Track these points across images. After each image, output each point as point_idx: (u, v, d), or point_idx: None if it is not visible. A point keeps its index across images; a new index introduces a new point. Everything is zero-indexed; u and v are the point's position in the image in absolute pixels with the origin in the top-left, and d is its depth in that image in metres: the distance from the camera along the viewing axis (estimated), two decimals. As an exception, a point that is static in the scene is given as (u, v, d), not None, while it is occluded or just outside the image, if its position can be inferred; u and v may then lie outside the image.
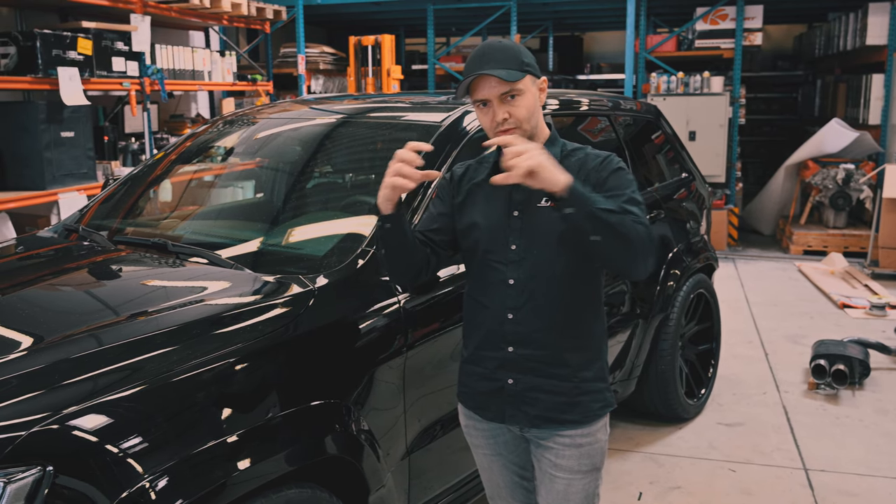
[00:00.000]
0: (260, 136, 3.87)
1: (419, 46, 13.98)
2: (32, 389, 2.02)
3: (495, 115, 2.17)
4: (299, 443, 2.29)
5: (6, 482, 1.78)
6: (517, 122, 2.17)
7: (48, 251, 3.29)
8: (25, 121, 5.77)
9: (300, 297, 2.55)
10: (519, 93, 2.16)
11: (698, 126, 9.14)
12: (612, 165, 2.23)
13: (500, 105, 2.16)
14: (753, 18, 9.57)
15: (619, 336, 4.00)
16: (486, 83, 2.16)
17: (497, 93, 2.15)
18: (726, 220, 9.42)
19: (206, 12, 7.81)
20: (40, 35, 5.77)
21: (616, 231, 2.01)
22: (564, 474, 2.30)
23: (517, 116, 2.17)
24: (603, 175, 2.21)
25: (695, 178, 5.00)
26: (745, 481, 4.00)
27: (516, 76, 2.14)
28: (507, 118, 2.16)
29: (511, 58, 2.17)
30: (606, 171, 2.22)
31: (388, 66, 9.33)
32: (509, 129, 2.17)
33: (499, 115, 2.16)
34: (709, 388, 4.87)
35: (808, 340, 6.00)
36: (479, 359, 2.33)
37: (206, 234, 3.35)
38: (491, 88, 2.16)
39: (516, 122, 2.17)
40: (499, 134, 2.18)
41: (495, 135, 2.19)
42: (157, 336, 2.29)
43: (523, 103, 2.17)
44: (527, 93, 2.18)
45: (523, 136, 2.18)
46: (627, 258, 2.09)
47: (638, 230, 2.04)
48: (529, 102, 2.19)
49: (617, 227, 2.01)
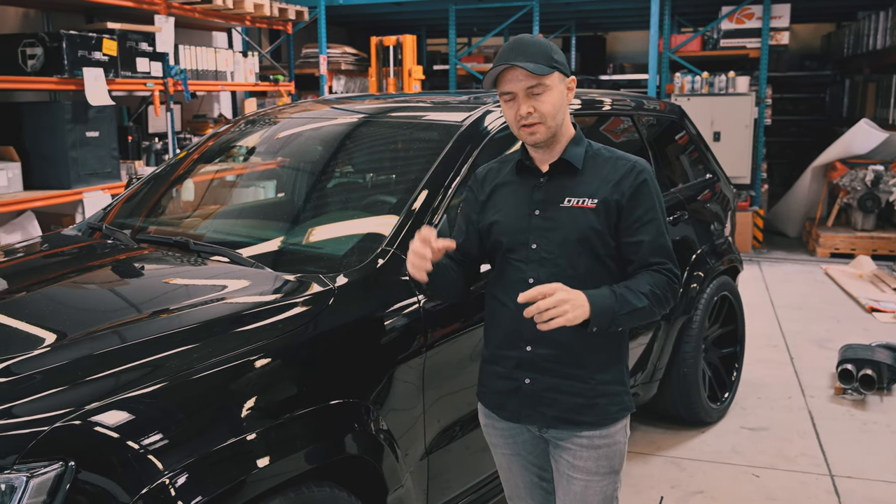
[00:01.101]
0: (281, 135, 3.88)
1: (441, 47, 13.98)
2: (55, 385, 2.04)
3: (520, 109, 2.17)
4: (318, 442, 2.28)
5: (29, 476, 1.80)
6: (541, 117, 2.16)
7: (72, 249, 3.32)
8: (51, 121, 5.83)
9: (320, 296, 2.55)
10: (545, 88, 2.16)
11: (723, 127, 9.07)
12: (639, 178, 2.23)
13: (526, 99, 2.16)
14: (780, 17, 9.47)
15: (641, 338, 3.97)
16: (514, 75, 2.15)
17: (524, 86, 2.15)
18: (751, 221, 9.33)
19: (229, 13, 7.85)
20: (66, 36, 5.82)
21: (643, 317, 2.18)
22: (582, 476, 2.29)
23: (542, 111, 2.16)
24: (634, 186, 2.21)
25: (719, 178, 4.96)
26: (768, 487, 3.95)
27: (544, 70, 2.13)
28: (531, 112, 2.16)
29: (541, 53, 2.16)
30: (637, 181, 2.22)
31: (410, 66, 9.33)
32: (533, 124, 2.17)
33: (523, 108, 2.16)
34: (732, 392, 4.82)
35: (834, 345, 5.92)
36: (498, 358, 2.33)
37: (228, 232, 3.37)
38: (518, 81, 2.15)
39: (540, 118, 2.16)
40: (522, 129, 2.18)
41: (519, 129, 2.20)
42: (179, 333, 2.30)
43: (549, 99, 2.16)
44: (553, 89, 2.17)
45: (547, 132, 2.18)
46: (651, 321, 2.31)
47: (663, 296, 2.19)
48: (555, 99, 2.18)
49: (643, 317, 2.19)
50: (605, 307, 2.09)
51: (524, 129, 2.19)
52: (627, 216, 2.20)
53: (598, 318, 2.08)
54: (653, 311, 2.18)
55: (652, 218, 2.22)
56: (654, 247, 2.21)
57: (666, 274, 2.21)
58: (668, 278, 2.21)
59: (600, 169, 2.25)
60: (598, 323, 2.09)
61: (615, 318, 2.10)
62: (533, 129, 2.18)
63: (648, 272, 2.20)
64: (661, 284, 2.18)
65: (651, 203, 2.23)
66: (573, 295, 2.04)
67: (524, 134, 2.20)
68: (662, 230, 2.23)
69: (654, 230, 2.21)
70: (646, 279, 2.18)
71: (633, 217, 2.21)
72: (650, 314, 2.18)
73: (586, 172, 2.25)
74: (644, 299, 2.14)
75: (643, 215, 2.21)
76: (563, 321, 2.01)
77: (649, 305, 2.15)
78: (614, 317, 2.10)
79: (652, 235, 2.21)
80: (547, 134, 2.19)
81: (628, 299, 2.13)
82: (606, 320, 2.09)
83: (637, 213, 2.21)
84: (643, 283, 2.17)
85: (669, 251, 2.24)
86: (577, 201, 2.21)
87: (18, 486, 1.79)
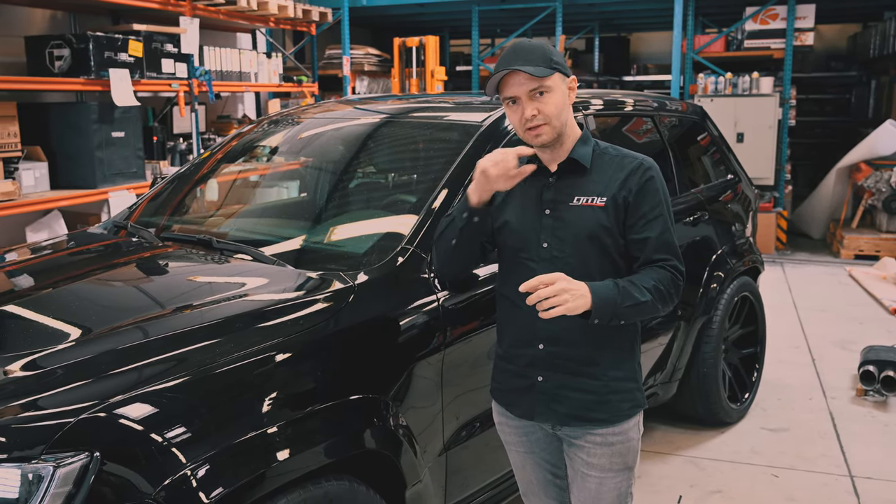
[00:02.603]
0: (304, 135, 3.91)
1: (464, 48, 14.01)
2: (81, 378, 2.08)
3: (524, 112, 2.19)
4: (338, 436, 2.31)
5: (55, 466, 1.84)
6: (546, 118, 2.19)
7: (98, 246, 3.37)
8: (78, 121, 5.92)
9: (340, 293, 2.58)
10: (548, 90, 2.18)
11: (747, 128, 9.02)
12: (645, 175, 2.25)
13: (529, 102, 2.19)
14: (805, 18, 9.41)
15: (661, 338, 3.97)
16: (516, 80, 2.18)
17: (526, 89, 2.17)
18: (775, 223, 9.27)
19: (253, 14, 7.92)
20: (93, 37, 5.90)
21: (645, 312, 2.19)
22: (596, 473, 2.31)
23: (546, 113, 2.18)
24: (640, 183, 2.24)
25: (741, 179, 4.94)
26: (788, 488, 3.94)
27: (545, 72, 2.16)
28: (535, 114, 2.18)
29: (540, 56, 2.19)
30: (643, 178, 2.25)
31: (433, 67, 9.36)
32: (539, 126, 2.19)
33: (528, 111, 2.18)
34: (753, 393, 4.81)
35: (856, 346, 5.87)
36: (511, 356, 2.35)
37: (251, 231, 3.41)
38: (520, 85, 2.18)
39: (545, 119, 2.19)
40: (528, 131, 2.21)
41: (525, 132, 2.22)
42: (202, 329, 2.34)
43: (552, 100, 2.19)
44: (556, 90, 2.20)
45: (552, 132, 2.21)
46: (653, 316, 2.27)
47: (667, 292, 2.20)
48: (558, 100, 2.20)
49: (641, 313, 2.19)
50: (607, 299, 2.10)
51: (530, 131, 2.21)
52: (634, 213, 2.22)
53: (599, 309, 2.09)
54: (655, 307, 2.18)
55: (658, 215, 2.23)
56: (659, 243, 2.22)
57: (670, 270, 2.22)
58: (673, 275, 2.22)
59: (608, 167, 2.27)
60: (599, 314, 2.10)
61: (617, 310, 2.11)
62: (538, 131, 2.20)
63: (653, 268, 2.21)
64: (664, 280, 2.20)
65: (657, 200, 2.24)
66: (575, 285, 2.06)
67: (530, 136, 2.23)
68: (668, 227, 2.24)
69: (659, 227, 2.23)
70: (650, 275, 2.19)
71: (639, 213, 2.22)
72: (653, 309, 2.18)
73: (594, 171, 2.27)
74: (647, 294, 2.15)
75: (649, 212, 2.23)
76: (563, 310, 2.03)
77: (652, 301, 2.16)
78: (616, 309, 2.11)
79: (657, 232, 2.22)
80: (552, 134, 2.21)
81: (631, 293, 2.14)
82: (608, 312, 2.11)
83: (643, 210, 2.23)
84: (647, 278, 2.19)
85: (674, 248, 2.25)
86: (587, 200, 2.23)
87: (45, 476, 1.83)
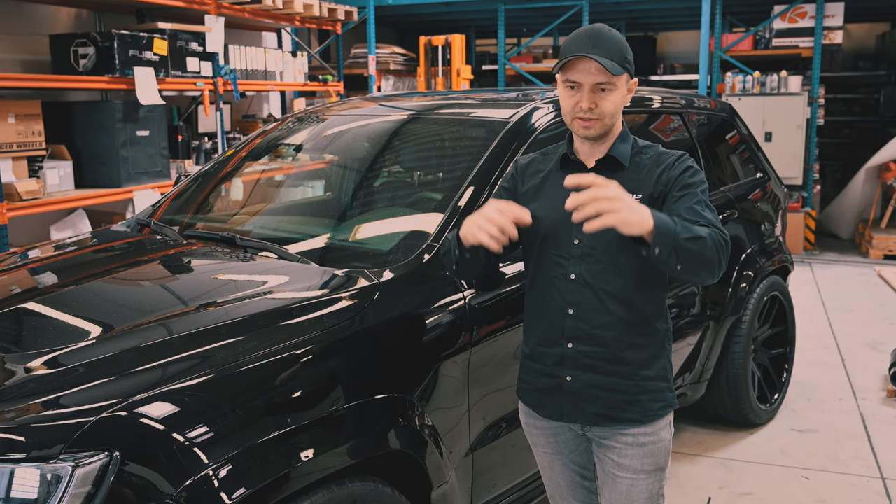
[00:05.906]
0: (329, 132, 3.89)
1: (489, 47, 13.96)
2: (102, 376, 2.06)
3: (582, 101, 2.12)
4: (363, 436, 2.28)
5: (74, 466, 1.81)
6: (601, 114, 2.13)
7: (122, 244, 3.36)
8: (103, 120, 5.93)
9: (365, 290, 2.55)
10: (613, 87, 2.12)
11: (775, 127, 8.92)
12: (684, 163, 2.21)
13: (591, 93, 2.12)
14: (834, 16, 9.29)
15: (689, 338, 3.91)
16: (586, 67, 2.11)
17: (593, 80, 2.11)
18: (803, 223, 9.16)
19: (278, 13, 7.92)
20: (118, 36, 5.91)
21: (699, 257, 1.98)
22: (628, 474, 2.25)
23: (603, 109, 2.12)
24: (675, 173, 2.18)
25: (770, 178, 4.87)
26: (818, 489, 3.87)
27: (618, 70, 2.10)
28: (592, 108, 2.12)
29: (618, 51, 2.12)
30: (679, 168, 2.19)
31: (458, 66, 9.33)
32: (591, 120, 2.13)
33: (585, 102, 2.12)
34: (782, 394, 4.73)
35: (887, 347, 5.79)
36: (538, 355, 2.30)
37: (275, 229, 3.38)
38: (589, 74, 2.10)
39: (600, 115, 2.13)
40: (578, 120, 2.15)
41: (574, 119, 2.16)
42: (225, 327, 2.31)
43: (613, 98, 2.13)
44: (619, 90, 2.14)
45: (601, 129, 2.15)
46: (704, 274, 2.05)
47: (719, 244, 2.02)
48: (618, 99, 2.15)
49: (701, 254, 1.98)
50: (667, 224, 1.93)
51: (579, 120, 2.15)
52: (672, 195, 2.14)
53: (660, 235, 1.91)
54: (710, 253, 1.99)
55: (697, 189, 2.14)
56: (700, 215, 2.09)
57: (715, 229, 2.06)
58: (720, 232, 2.06)
59: (645, 165, 2.22)
60: (660, 241, 1.92)
61: (676, 240, 1.92)
62: (589, 124, 2.14)
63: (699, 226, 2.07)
64: (713, 235, 2.03)
65: (696, 180, 2.16)
66: (632, 200, 1.91)
67: (578, 125, 2.16)
68: (707, 201, 2.14)
69: (696, 198, 2.12)
70: (700, 227, 2.04)
71: (678, 187, 2.14)
72: (709, 253, 1.99)
73: (631, 168, 2.22)
74: (703, 233, 1.99)
75: (688, 185, 2.14)
76: (614, 219, 1.86)
77: (709, 242, 1.99)
78: (676, 239, 1.92)
79: (696, 200, 2.11)
80: (601, 130, 2.16)
81: (689, 227, 1.98)
82: (669, 242, 1.92)
83: (682, 182, 2.15)
84: (698, 227, 2.03)
85: (717, 222, 2.11)
86: None
87: (64, 476, 1.80)
